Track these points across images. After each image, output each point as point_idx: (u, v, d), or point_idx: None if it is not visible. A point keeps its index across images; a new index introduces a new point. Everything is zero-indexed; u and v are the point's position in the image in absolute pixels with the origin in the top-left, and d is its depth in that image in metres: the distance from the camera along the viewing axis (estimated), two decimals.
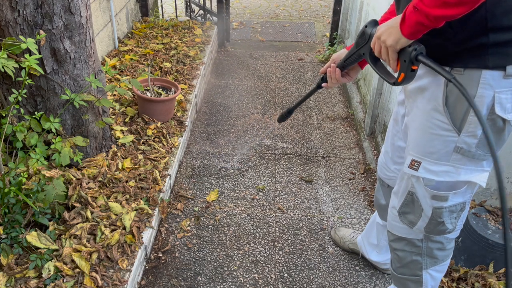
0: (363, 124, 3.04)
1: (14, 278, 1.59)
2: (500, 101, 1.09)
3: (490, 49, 1.05)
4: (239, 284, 1.93)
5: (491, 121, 1.13)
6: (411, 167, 1.28)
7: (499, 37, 1.04)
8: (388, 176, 1.63)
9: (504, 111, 1.10)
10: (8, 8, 1.76)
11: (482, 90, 1.09)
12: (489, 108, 1.10)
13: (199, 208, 2.36)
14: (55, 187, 1.81)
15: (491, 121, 1.12)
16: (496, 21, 1.03)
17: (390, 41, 1.08)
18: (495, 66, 1.05)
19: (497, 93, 1.08)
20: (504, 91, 1.08)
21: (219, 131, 3.10)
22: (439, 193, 1.26)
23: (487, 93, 1.09)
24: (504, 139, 1.19)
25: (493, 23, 1.03)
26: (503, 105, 1.10)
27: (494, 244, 1.78)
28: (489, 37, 1.04)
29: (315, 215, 2.34)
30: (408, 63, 1.08)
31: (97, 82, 2.01)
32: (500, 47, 1.05)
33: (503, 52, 1.05)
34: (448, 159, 1.21)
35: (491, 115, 1.11)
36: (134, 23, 4.18)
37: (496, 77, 1.07)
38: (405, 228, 1.42)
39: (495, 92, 1.08)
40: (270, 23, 5.53)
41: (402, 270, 1.51)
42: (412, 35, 1.04)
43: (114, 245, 1.80)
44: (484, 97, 1.09)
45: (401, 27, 1.04)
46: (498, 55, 1.05)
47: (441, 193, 1.26)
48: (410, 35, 1.04)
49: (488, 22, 1.03)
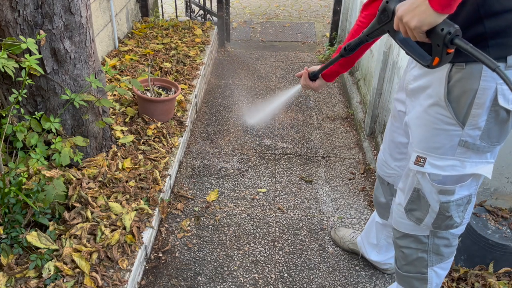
0: (363, 124, 3.04)
1: (14, 278, 1.59)
2: (503, 93, 1.10)
3: (490, 40, 1.07)
4: (239, 284, 1.93)
5: (494, 112, 1.14)
6: (417, 163, 1.29)
7: (494, 23, 1.05)
8: (388, 173, 1.63)
9: (508, 102, 1.12)
10: (8, 8, 1.76)
11: (484, 82, 1.10)
12: (492, 100, 1.11)
13: (199, 208, 2.36)
14: (55, 187, 1.81)
15: (494, 112, 1.14)
16: (488, 7, 1.04)
17: (415, 22, 0.97)
18: (496, 57, 1.06)
19: (499, 84, 1.09)
20: None
21: (219, 131, 3.10)
22: (445, 187, 1.27)
23: (489, 85, 1.10)
24: (507, 130, 1.20)
25: (485, 9, 1.04)
26: (506, 96, 1.11)
27: (494, 244, 1.78)
28: (485, 25, 1.06)
29: (315, 215, 2.34)
30: (442, 46, 0.97)
31: (97, 82, 2.01)
32: (499, 38, 1.06)
33: (502, 42, 1.07)
34: (453, 153, 1.22)
35: (494, 106, 1.12)
36: (134, 23, 4.18)
37: None
38: (412, 225, 1.42)
39: (498, 84, 1.09)
40: (270, 23, 5.53)
41: (407, 268, 1.51)
42: (444, 7, 0.92)
43: (114, 245, 1.80)
44: (486, 89, 1.11)
45: (431, 2, 0.92)
46: (497, 47, 1.07)
47: (448, 187, 1.27)
48: (443, 7, 0.92)
49: (480, 9, 1.05)
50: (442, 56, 1.00)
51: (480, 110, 1.13)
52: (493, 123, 1.15)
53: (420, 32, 0.99)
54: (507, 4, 1.04)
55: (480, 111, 1.13)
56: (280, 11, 6.05)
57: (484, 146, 1.19)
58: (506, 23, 1.05)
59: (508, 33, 1.06)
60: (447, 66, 1.15)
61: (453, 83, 1.15)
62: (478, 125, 1.16)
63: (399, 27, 1.04)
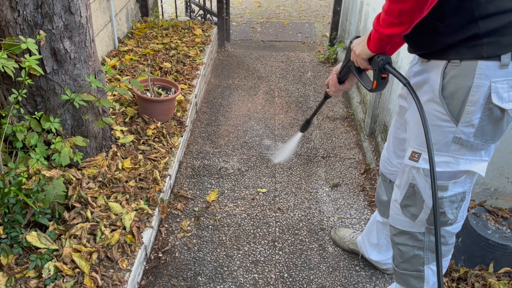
0: (363, 124, 3.04)
1: (14, 278, 1.59)
2: (496, 91, 1.12)
3: (484, 39, 1.09)
4: (239, 284, 1.93)
5: (488, 110, 1.15)
6: (412, 158, 1.31)
7: (489, 24, 1.08)
8: (390, 171, 1.65)
9: (502, 100, 1.13)
10: (8, 8, 1.76)
11: (478, 80, 1.12)
12: (486, 97, 1.13)
13: (199, 208, 2.36)
14: (55, 187, 1.81)
15: (488, 110, 1.15)
16: (483, 9, 1.08)
17: (358, 51, 1.29)
18: (490, 56, 1.09)
19: (493, 82, 1.11)
20: (500, 81, 1.11)
21: (219, 131, 3.10)
22: (439, 182, 1.28)
23: (483, 83, 1.12)
24: (502, 129, 1.21)
25: (480, 11, 1.08)
26: (500, 94, 1.12)
27: (494, 244, 1.78)
28: (479, 26, 1.08)
29: (315, 215, 2.34)
30: (378, 71, 1.25)
31: (97, 82, 2.01)
32: (492, 36, 1.08)
33: (496, 41, 1.08)
34: (447, 149, 1.23)
35: (488, 104, 1.14)
36: (134, 23, 4.18)
37: (491, 67, 1.10)
38: (407, 221, 1.43)
39: (491, 82, 1.11)
40: (270, 23, 5.53)
41: (404, 266, 1.52)
42: (377, 49, 1.23)
43: (114, 245, 1.80)
44: (480, 87, 1.12)
45: (368, 44, 1.24)
46: (491, 45, 1.09)
47: (441, 182, 1.28)
48: (376, 50, 1.23)
49: (475, 11, 1.08)
50: (378, 80, 1.26)
51: (474, 108, 1.14)
52: (487, 121, 1.16)
53: (362, 59, 1.29)
54: (501, 6, 1.07)
55: (474, 108, 1.14)
56: (280, 11, 6.05)
57: (478, 144, 1.20)
58: (500, 23, 1.08)
59: (502, 32, 1.08)
60: (443, 63, 1.17)
61: (448, 80, 1.16)
62: (472, 122, 1.17)
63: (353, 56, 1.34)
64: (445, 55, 1.16)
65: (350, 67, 1.43)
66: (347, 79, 1.55)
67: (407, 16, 1.07)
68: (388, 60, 1.23)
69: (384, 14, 1.11)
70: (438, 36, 1.16)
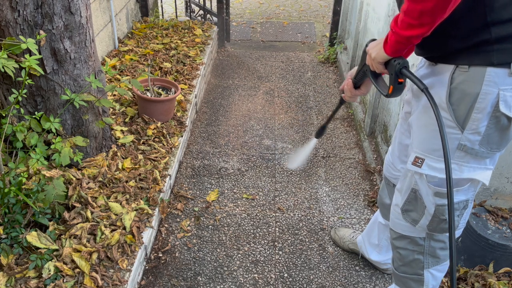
0: (363, 124, 3.04)
1: (14, 278, 1.59)
2: (504, 99, 1.09)
3: (495, 45, 1.06)
4: (239, 284, 1.93)
5: (495, 119, 1.13)
6: (415, 164, 1.29)
7: (501, 31, 1.05)
8: (394, 175, 1.63)
9: (509, 108, 1.11)
10: (8, 8, 1.76)
11: (486, 87, 1.09)
12: (494, 105, 1.11)
13: (199, 208, 2.36)
14: (55, 187, 1.81)
15: (495, 118, 1.13)
16: (495, 15, 1.04)
17: (374, 54, 1.23)
18: (500, 63, 1.06)
19: (501, 90, 1.09)
20: (509, 89, 1.09)
21: (219, 131, 3.10)
22: (441, 189, 1.26)
23: (491, 90, 1.09)
24: (508, 138, 1.19)
25: (492, 17, 1.05)
26: (508, 102, 1.10)
27: (494, 244, 1.78)
28: (491, 32, 1.06)
29: (315, 215, 2.34)
30: (394, 76, 1.19)
31: (97, 82, 2.01)
32: (504, 43, 1.06)
33: (507, 48, 1.06)
34: (451, 156, 1.21)
35: (495, 112, 1.11)
36: (134, 23, 4.18)
37: (500, 74, 1.08)
38: (408, 226, 1.42)
39: (500, 90, 1.09)
40: (270, 23, 5.53)
41: (403, 269, 1.52)
42: (394, 53, 1.17)
43: (114, 245, 1.80)
44: (488, 94, 1.10)
45: (384, 47, 1.18)
46: (502, 52, 1.06)
47: (444, 189, 1.26)
48: (393, 53, 1.17)
49: (487, 16, 1.05)
50: (395, 84, 1.21)
51: (481, 115, 1.12)
52: (493, 129, 1.14)
53: (377, 63, 1.23)
54: None
55: (481, 115, 1.12)
56: (280, 11, 6.05)
57: (483, 152, 1.18)
58: None
59: None
60: (451, 67, 1.14)
61: (455, 85, 1.14)
62: (478, 130, 1.15)
63: (368, 59, 1.29)
64: (453, 60, 1.14)
65: (365, 71, 1.38)
66: (363, 83, 1.49)
67: (428, 17, 1.01)
68: (405, 64, 1.17)
69: (403, 15, 1.06)
70: (447, 40, 1.13)
